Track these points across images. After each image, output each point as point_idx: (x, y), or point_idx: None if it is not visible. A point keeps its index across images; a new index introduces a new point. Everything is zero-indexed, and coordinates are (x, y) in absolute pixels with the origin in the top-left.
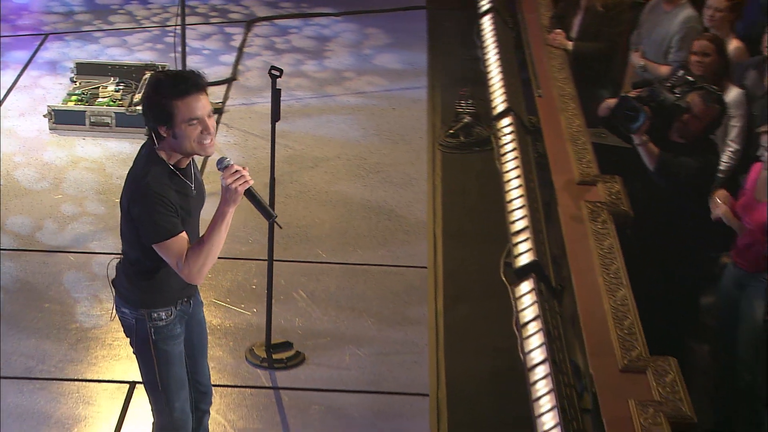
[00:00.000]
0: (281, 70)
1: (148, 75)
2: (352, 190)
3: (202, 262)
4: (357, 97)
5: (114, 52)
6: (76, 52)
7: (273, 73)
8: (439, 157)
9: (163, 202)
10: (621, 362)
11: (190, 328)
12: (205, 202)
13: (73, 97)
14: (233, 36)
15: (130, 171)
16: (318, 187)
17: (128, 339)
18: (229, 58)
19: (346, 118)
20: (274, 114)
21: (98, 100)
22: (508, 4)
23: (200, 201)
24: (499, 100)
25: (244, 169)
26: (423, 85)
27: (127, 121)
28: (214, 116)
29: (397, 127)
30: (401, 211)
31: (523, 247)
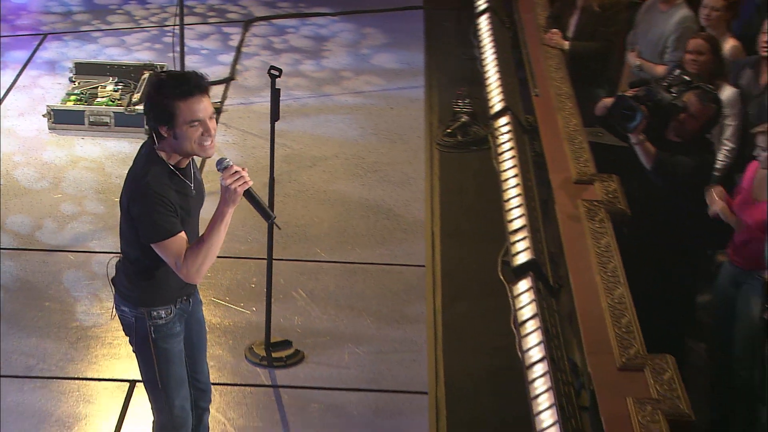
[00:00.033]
0: (280, 69)
1: (146, 75)
2: (350, 189)
3: (200, 262)
4: (355, 97)
5: (112, 52)
6: (75, 51)
7: (272, 72)
8: (437, 156)
9: (163, 201)
10: (619, 360)
11: (189, 327)
12: (204, 201)
13: (72, 97)
14: (231, 36)
15: (130, 170)
16: (316, 186)
17: (128, 337)
18: (228, 58)
19: (344, 118)
20: (274, 114)
21: (97, 99)
22: (505, 4)
23: (200, 200)
24: (496, 100)
25: (244, 169)
26: (420, 85)
27: (126, 121)
28: (215, 118)
29: (394, 126)
30: (399, 210)
31: (521, 245)
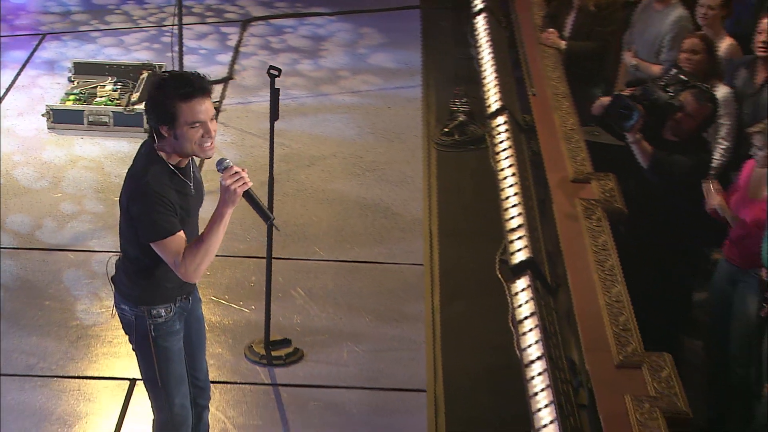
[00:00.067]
0: (280, 69)
1: (145, 74)
2: (348, 189)
3: (199, 261)
4: (352, 96)
5: (111, 52)
6: (74, 51)
7: (272, 72)
8: (434, 155)
9: (163, 201)
10: (616, 358)
11: (188, 325)
12: (203, 200)
13: (71, 97)
14: (229, 36)
15: (130, 169)
16: (315, 185)
17: (128, 336)
18: (226, 58)
19: (341, 117)
20: (273, 113)
21: (96, 99)
22: (502, 4)
23: (199, 200)
24: (493, 99)
25: (244, 170)
26: (417, 84)
27: (125, 121)
28: (216, 120)
29: (392, 125)
30: (397, 208)
31: (519, 244)
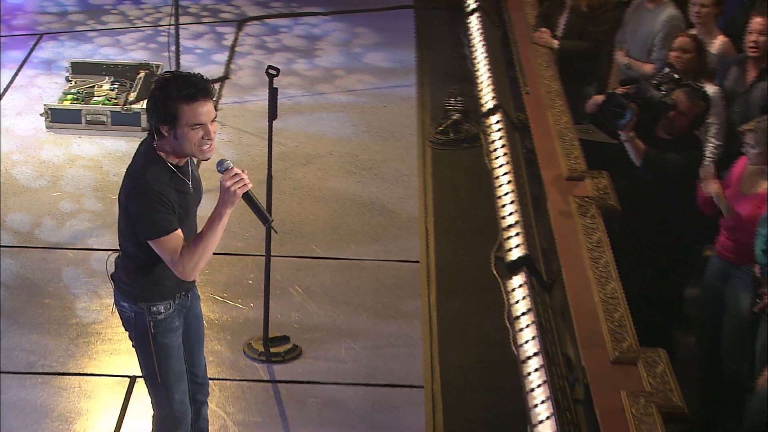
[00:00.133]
0: (278, 69)
1: (142, 74)
2: (344, 187)
3: (196, 260)
4: (347, 95)
5: (108, 52)
6: (71, 51)
7: (270, 72)
8: (429, 153)
9: (161, 200)
10: (612, 354)
11: (187, 322)
12: (202, 199)
13: (69, 96)
14: (225, 35)
15: (129, 168)
16: (311, 183)
17: (127, 333)
18: (222, 57)
19: (337, 116)
20: (272, 112)
21: (94, 98)
22: (495, 3)
23: (197, 198)
24: (487, 98)
25: (244, 172)
26: (412, 83)
27: (123, 120)
28: (216, 122)
29: (387, 124)
30: (393, 206)
31: (514, 241)
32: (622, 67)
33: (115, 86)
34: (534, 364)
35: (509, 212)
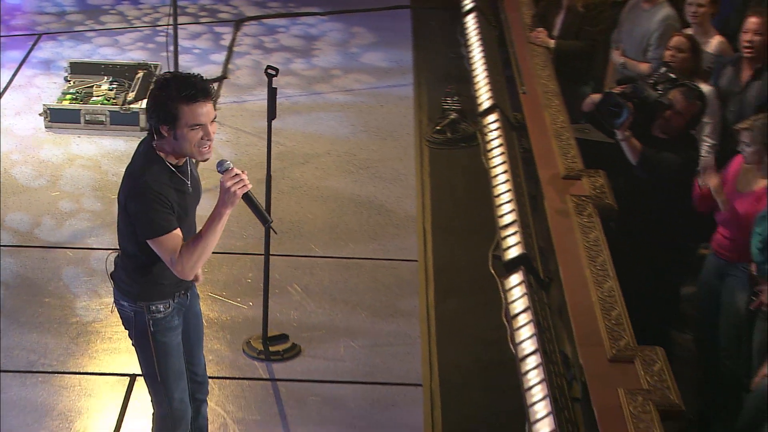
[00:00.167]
0: (277, 69)
1: (141, 74)
2: (342, 186)
3: (195, 259)
4: (345, 95)
5: (106, 52)
6: (69, 51)
7: (269, 72)
8: (427, 152)
9: (160, 199)
10: (609, 352)
11: (187, 321)
12: (201, 198)
13: (68, 96)
14: (223, 35)
15: (128, 167)
16: (309, 182)
17: (127, 332)
18: (220, 57)
19: (335, 115)
20: (271, 112)
21: (92, 98)
22: (491, 3)
23: (196, 198)
24: (484, 97)
25: (244, 172)
26: (409, 83)
27: (122, 120)
28: (216, 123)
29: (385, 123)
30: (391, 205)
31: (512, 240)
32: (618, 67)
33: (114, 86)
34: (532, 362)
35: (506, 211)
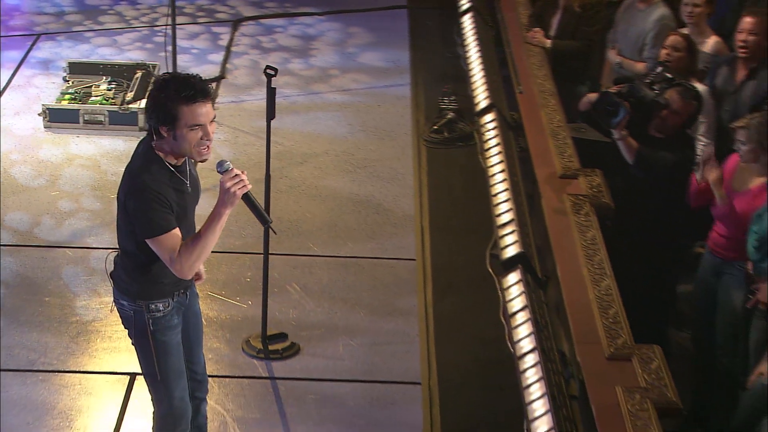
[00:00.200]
0: (276, 69)
1: (139, 74)
2: (340, 185)
3: (194, 259)
4: (343, 95)
5: (105, 52)
6: (68, 51)
7: (268, 72)
8: (424, 152)
9: (159, 199)
10: (607, 350)
11: (186, 320)
12: (200, 198)
13: (67, 96)
14: (220, 35)
15: (128, 167)
16: (307, 182)
17: (127, 331)
18: (218, 57)
19: (333, 115)
20: (270, 112)
21: (91, 98)
22: (488, 3)
23: (195, 197)
24: (481, 97)
25: (243, 173)
26: (406, 83)
27: (120, 119)
28: (215, 123)
29: (382, 123)
30: (389, 204)
31: (510, 239)
32: (614, 66)
33: (113, 86)
34: (530, 360)
35: (504, 210)
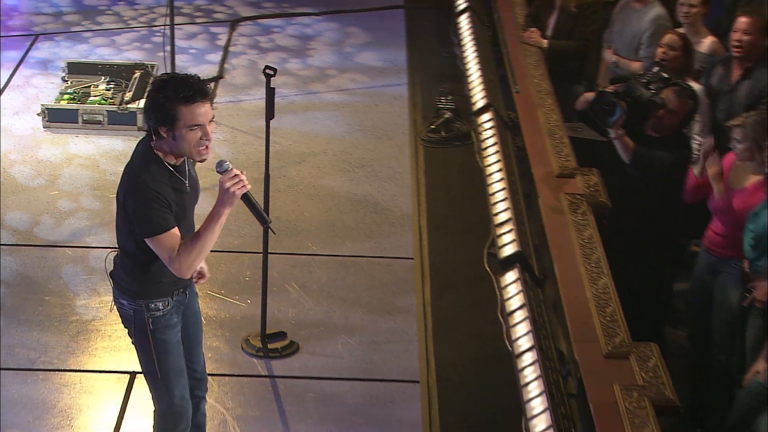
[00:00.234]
0: (275, 69)
1: (138, 74)
2: (338, 184)
3: (193, 258)
4: (340, 94)
5: (103, 52)
6: (67, 51)
7: (267, 72)
8: (422, 151)
9: (158, 198)
10: (605, 348)
11: (186, 318)
12: (199, 198)
13: (66, 96)
14: (218, 35)
15: (127, 166)
16: (306, 181)
17: (127, 330)
18: (216, 57)
19: (330, 115)
20: (269, 112)
21: (90, 98)
22: (484, 4)
23: (194, 197)
24: (478, 96)
25: (243, 173)
26: (403, 82)
27: (119, 119)
28: (213, 123)
29: (380, 122)
30: (387, 204)
31: (507, 238)
32: (610, 65)
33: (111, 86)
34: (528, 358)
35: (501, 209)
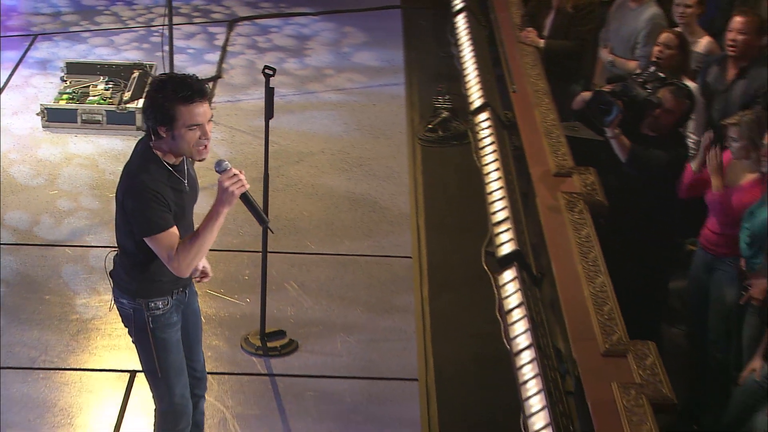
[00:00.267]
0: (274, 69)
1: (136, 74)
2: (336, 184)
3: (192, 257)
4: (338, 94)
5: (102, 52)
6: (65, 51)
7: (266, 72)
8: (419, 150)
9: (157, 198)
10: (602, 346)
11: (185, 317)
12: (198, 197)
13: (65, 96)
14: (216, 35)
15: (126, 166)
16: (304, 180)
17: (127, 329)
18: (214, 57)
19: (328, 114)
20: (268, 112)
21: (89, 98)
22: (481, 3)
23: (193, 196)
24: (475, 96)
25: (241, 173)
26: (401, 82)
27: (118, 119)
28: (212, 122)
29: (377, 122)
30: (385, 203)
31: (505, 236)
32: (607, 65)
33: (110, 86)
34: (526, 356)
35: (499, 208)
